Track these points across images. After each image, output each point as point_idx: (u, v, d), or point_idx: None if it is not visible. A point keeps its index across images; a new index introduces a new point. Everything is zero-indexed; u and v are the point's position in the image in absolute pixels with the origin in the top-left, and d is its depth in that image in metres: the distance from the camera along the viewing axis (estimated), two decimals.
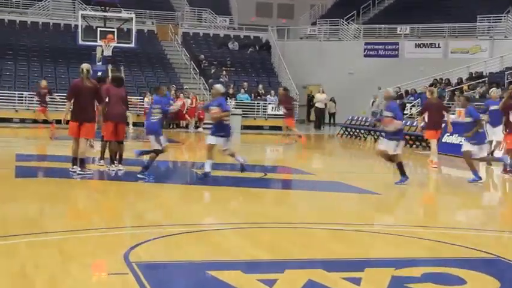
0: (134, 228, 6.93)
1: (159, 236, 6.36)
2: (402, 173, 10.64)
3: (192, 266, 5.39)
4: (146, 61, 30.35)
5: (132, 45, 26.34)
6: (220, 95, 10.85)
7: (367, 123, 23.74)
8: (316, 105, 29.08)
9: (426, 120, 13.86)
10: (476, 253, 6.14)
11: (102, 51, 25.21)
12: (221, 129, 10.56)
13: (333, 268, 5.39)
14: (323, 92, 28.76)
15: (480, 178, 11.25)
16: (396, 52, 31.78)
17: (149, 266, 5.27)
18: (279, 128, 27.32)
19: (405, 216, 8.52)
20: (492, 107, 13.43)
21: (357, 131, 24.86)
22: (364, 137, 23.82)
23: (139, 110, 24.86)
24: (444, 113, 13.98)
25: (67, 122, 10.56)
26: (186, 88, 26.93)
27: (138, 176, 10.22)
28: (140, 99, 25.26)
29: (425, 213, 9.00)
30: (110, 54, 25.42)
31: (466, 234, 7.30)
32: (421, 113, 14.94)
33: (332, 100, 30.09)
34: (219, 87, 11.11)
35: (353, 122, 24.59)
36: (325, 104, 29.42)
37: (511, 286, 5.21)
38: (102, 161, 11.47)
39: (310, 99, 31.89)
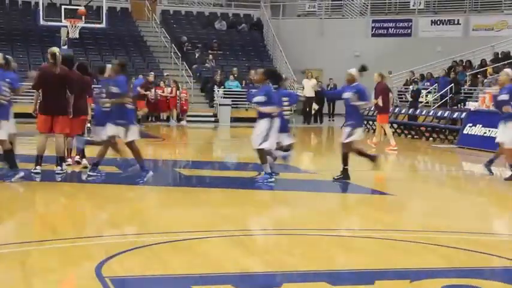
0: (107, 238, 6.92)
1: (136, 246, 6.35)
2: (344, 162, 10.77)
3: (174, 280, 5.40)
4: (119, 44, 30.28)
5: (103, 25, 26.26)
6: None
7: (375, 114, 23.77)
8: (304, 93, 26.11)
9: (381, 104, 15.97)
10: (503, 261, 6.16)
11: (68, 32, 25.12)
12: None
13: (338, 281, 5.41)
14: (312, 77, 27.25)
15: None
16: (409, 30, 31.83)
17: (125, 281, 5.27)
18: None
19: (421, 220, 8.55)
20: None
21: (364, 122, 24.88)
22: (372, 129, 23.87)
23: None
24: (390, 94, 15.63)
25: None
26: (167, 75, 26.90)
27: (89, 173, 10.24)
28: None
29: (444, 217, 9.02)
30: (77, 36, 25.35)
31: (490, 240, 7.33)
32: (376, 97, 16.42)
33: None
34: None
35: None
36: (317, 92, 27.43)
37: None
38: (69, 159, 11.55)
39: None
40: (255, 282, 5.36)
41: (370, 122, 21.32)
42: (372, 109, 19.65)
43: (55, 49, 10.54)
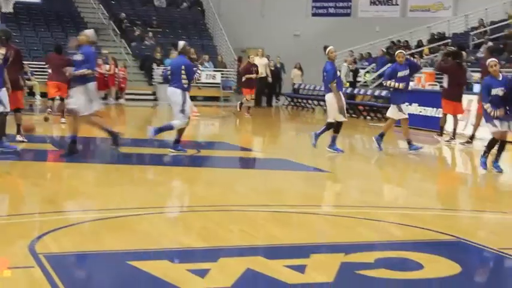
0: (42, 215, 6.82)
1: (72, 223, 6.29)
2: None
3: (110, 256, 5.36)
4: (55, 20, 29.59)
5: (38, 0, 25.63)
6: None
7: (315, 93, 24.02)
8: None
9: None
10: (434, 235, 6.33)
11: (0, 7, 24.45)
12: None
13: (274, 255, 5.47)
14: (263, 56, 25.73)
15: None
16: (349, 10, 32.11)
17: (59, 257, 5.21)
18: (214, 99, 27.33)
19: (356, 196, 8.70)
20: None
21: (304, 101, 25.13)
22: (312, 108, 24.11)
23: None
24: None
25: None
26: (106, 52, 26.46)
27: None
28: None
29: (379, 193, 9.21)
30: (11, 10, 24.69)
31: (423, 214, 7.51)
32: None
33: (298, 67, 27.42)
34: None
35: (301, 91, 24.80)
36: (272, 72, 26.13)
37: (472, 270, 5.42)
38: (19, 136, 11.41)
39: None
40: (191, 257, 5.37)
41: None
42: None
43: None
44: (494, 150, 10.15)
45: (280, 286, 4.68)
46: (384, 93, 20.11)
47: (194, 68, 11.20)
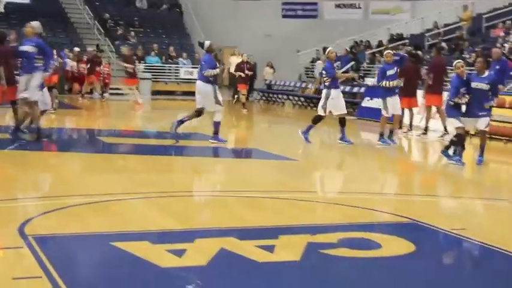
0: (30, 200, 6.76)
1: (59, 207, 6.23)
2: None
3: (94, 238, 5.33)
4: (44, 20, 28.99)
5: (27, 0, 25.26)
6: None
7: (285, 88, 24.06)
8: (231, 71, 24.61)
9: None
10: (392, 217, 6.40)
11: None
12: None
13: (246, 236, 5.48)
14: (239, 54, 24.47)
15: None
16: (316, 13, 32.14)
17: (47, 238, 5.17)
18: (192, 94, 27.13)
19: (323, 183, 8.75)
20: None
21: (275, 96, 25.15)
22: (282, 102, 24.15)
23: None
24: None
25: None
26: (90, 50, 26.16)
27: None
28: None
29: (344, 179, 9.27)
30: (2, 10, 24.32)
31: (383, 198, 7.59)
32: None
33: (270, 65, 27.20)
34: None
35: (273, 87, 24.77)
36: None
37: (425, 248, 5.48)
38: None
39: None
40: (169, 239, 5.36)
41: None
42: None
43: None
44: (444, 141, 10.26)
45: (252, 264, 4.69)
46: (347, 88, 20.19)
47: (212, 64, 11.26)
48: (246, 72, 20.54)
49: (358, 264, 4.89)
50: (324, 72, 11.90)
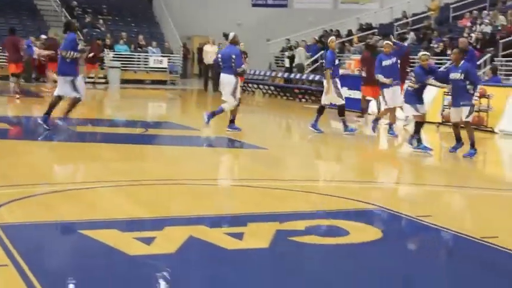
0: None
1: (26, 195, 6.17)
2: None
3: (62, 226, 5.31)
4: (9, 8, 28.67)
5: None
6: None
7: (255, 77, 24.05)
8: (205, 60, 24.29)
9: None
10: (360, 205, 6.47)
11: None
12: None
13: (215, 224, 5.50)
14: (214, 44, 24.56)
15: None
16: (285, 2, 32.15)
17: (14, 227, 5.12)
18: (161, 83, 27.05)
19: (291, 171, 8.80)
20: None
21: (245, 84, 25.09)
22: (252, 91, 24.15)
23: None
24: None
25: None
26: (56, 36, 25.77)
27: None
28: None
29: (313, 167, 9.33)
30: None
31: (351, 186, 7.66)
32: None
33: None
34: None
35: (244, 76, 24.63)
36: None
37: (392, 234, 5.57)
38: None
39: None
40: (138, 227, 5.36)
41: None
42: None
43: None
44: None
45: (221, 251, 4.72)
46: (317, 77, 20.28)
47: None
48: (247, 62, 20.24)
49: (327, 251, 4.95)
50: (323, 61, 12.01)
